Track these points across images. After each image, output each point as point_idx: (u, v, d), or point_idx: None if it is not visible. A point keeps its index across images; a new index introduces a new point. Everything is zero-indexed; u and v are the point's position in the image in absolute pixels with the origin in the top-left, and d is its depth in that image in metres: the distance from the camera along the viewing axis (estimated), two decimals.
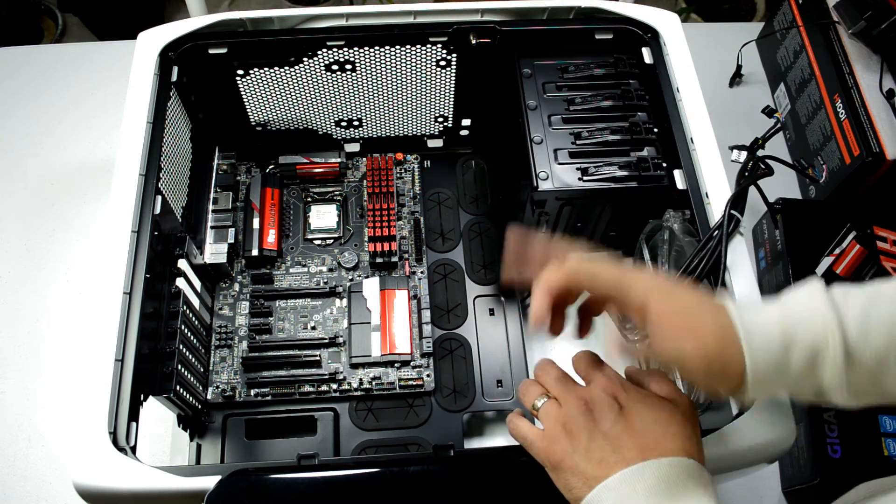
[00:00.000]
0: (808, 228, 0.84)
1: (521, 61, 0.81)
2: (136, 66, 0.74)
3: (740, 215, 0.65)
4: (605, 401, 0.48)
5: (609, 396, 0.48)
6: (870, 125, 0.88)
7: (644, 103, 0.79)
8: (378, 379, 0.81)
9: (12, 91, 1.11)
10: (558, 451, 0.47)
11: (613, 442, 0.46)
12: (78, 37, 1.98)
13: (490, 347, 0.85)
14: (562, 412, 0.49)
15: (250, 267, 0.88)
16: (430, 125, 0.94)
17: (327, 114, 0.90)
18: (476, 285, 0.89)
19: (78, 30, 1.99)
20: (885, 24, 0.91)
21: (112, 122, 1.06)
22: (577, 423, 0.47)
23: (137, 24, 0.82)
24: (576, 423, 0.47)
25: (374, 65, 0.82)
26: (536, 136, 0.77)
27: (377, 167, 0.93)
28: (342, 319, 0.85)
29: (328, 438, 0.78)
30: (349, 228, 0.91)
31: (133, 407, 0.59)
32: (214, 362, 0.82)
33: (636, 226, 0.82)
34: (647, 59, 0.79)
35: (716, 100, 0.74)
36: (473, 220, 0.93)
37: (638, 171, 0.75)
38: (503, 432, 0.83)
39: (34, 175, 1.03)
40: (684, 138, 0.73)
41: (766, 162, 0.69)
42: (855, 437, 0.74)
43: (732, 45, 1.12)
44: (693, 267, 0.65)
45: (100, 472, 0.54)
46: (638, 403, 0.48)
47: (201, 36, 0.77)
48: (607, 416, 0.47)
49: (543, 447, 0.49)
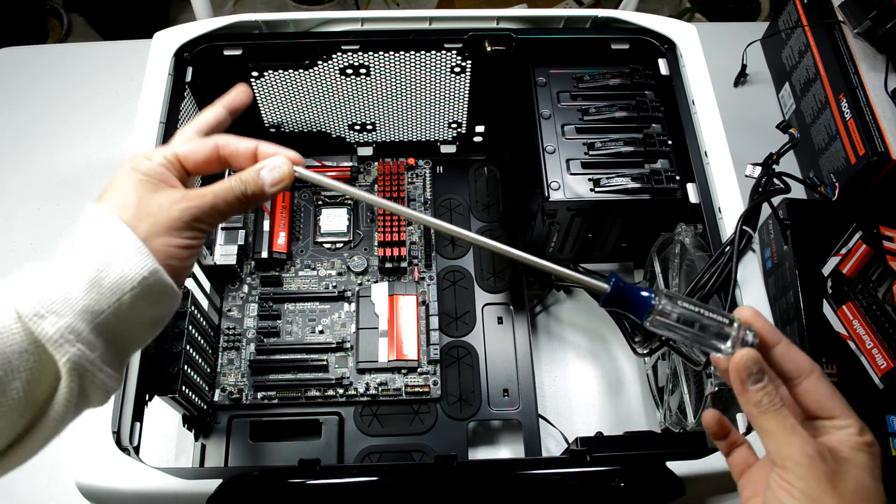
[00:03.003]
0: (814, 228, 0.83)
1: (536, 70, 0.81)
2: (151, 66, 0.75)
3: (753, 231, 0.65)
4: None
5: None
6: (875, 125, 0.88)
7: (659, 115, 0.79)
8: (384, 385, 0.81)
9: (18, 91, 1.11)
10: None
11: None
12: (83, 37, 1.99)
13: (497, 356, 0.84)
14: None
15: (260, 269, 0.88)
16: (444, 131, 0.94)
17: (341, 117, 0.90)
18: (485, 293, 0.88)
19: (83, 29, 2.00)
20: (891, 24, 0.91)
21: (118, 121, 1.07)
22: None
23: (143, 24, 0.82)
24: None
25: (389, 70, 0.82)
26: (549, 145, 0.77)
27: (389, 172, 0.93)
28: (350, 324, 0.85)
29: (332, 443, 0.78)
30: (359, 232, 0.91)
31: (137, 407, 0.59)
32: (222, 364, 0.82)
33: (648, 238, 0.82)
34: (663, 71, 0.79)
35: (720, 100, 0.74)
36: (485, 227, 0.93)
37: (651, 183, 0.74)
38: (508, 442, 0.83)
39: (40, 174, 1.03)
40: (698, 151, 0.72)
41: (782, 178, 0.68)
42: None
43: (737, 45, 1.11)
44: (703, 282, 0.65)
45: (102, 471, 0.55)
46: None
47: (216, 37, 0.78)
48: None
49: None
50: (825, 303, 0.79)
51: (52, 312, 0.38)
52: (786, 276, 0.83)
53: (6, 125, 1.08)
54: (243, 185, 0.45)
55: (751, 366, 0.41)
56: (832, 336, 0.78)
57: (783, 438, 0.40)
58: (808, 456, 0.38)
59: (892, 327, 0.77)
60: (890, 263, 0.81)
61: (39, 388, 0.38)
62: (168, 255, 0.42)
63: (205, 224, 0.44)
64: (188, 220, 0.43)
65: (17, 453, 0.39)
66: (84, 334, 0.38)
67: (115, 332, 0.40)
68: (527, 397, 0.81)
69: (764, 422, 0.41)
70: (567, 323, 0.92)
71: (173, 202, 0.43)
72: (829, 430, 0.41)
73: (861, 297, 0.79)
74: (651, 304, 0.43)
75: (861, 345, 0.77)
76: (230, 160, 0.47)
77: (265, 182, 0.46)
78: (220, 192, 0.45)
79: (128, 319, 0.41)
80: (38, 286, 0.38)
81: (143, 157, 0.45)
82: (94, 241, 0.40)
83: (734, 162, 0.70)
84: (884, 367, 0.76)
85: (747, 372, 0.41)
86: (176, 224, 0.43)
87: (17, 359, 0.37)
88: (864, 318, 0.78)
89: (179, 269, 0.43)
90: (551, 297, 0.93)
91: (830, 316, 0.79)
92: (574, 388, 0.88)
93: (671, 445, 0.72)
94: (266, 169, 0.46)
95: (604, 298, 0.44)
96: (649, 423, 0.85)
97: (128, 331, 0.41)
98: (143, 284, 0.40)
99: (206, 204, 0.44)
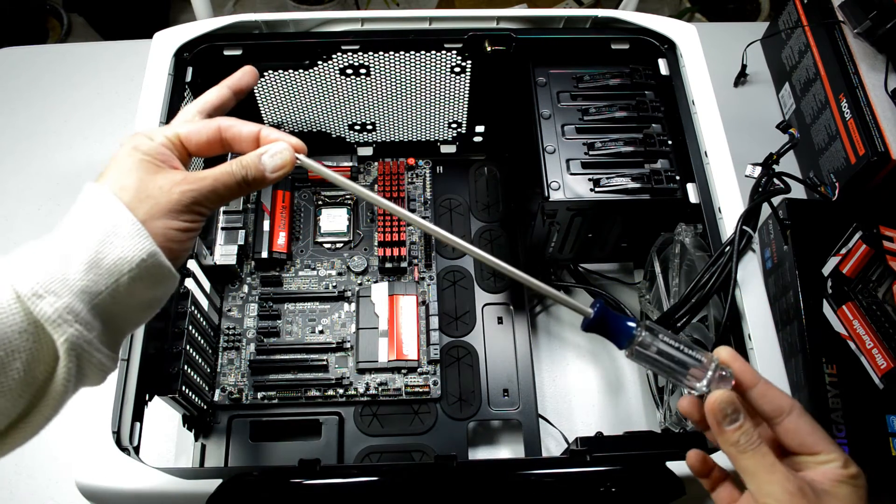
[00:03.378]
0: (814, 228, 0.83)
1: (536, 70, 0.81)
2: (151, 66, 0.75)
3: (753, 231, 0.65)
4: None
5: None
6: (875, 124, 0.88)
7: (659, 115, 0.79)
8: (384, 385, 0.81)
9: (18, 91, 1.11)
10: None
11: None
12: (83, 36, 1.99)
13: (497, 356, 0.84)
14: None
15: (260, 269, 0.88)
16: (444, 131, 0.94)
17: (341, 117, 0.90)
18: (485, 293, 0.88)
19: (83, 29, 2.00)
20: (891, 24, 0.91)
21: (118, 121, 1.07)
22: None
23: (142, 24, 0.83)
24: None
25: (389, 70, 0.82)
26: (549, 145, 0.77)
27: (389, 172, 0.93)
28: (350, 324, 0.85)
29: (332, 443, 0.78)
30: (359, 232, 0.91)
31: (137, 407, 0.59)
32: (222, 364, 0.82)
33: (648, 238, 0.82)
34: (664, 71, 0.79)
35: (720, 100, 0.74)
36: (485, 227, 0.93)
37: (651, 183, 0.74)
38: (508, 442, 0.83)
39: (40, 174, 1.03)
40: (698, 151, 0.72)
41: (782, 178, 0.68)
42: (862, 436, 0.73)
43: (737, 45, 1.12)
44: (703, 282, 0.65)
45: (102, 471, 0.55)
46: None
47: (216, 37, 0.78)
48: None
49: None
50: (825, 303, 0.79)
51: (51, 292, 0.38)
52: (786, 276, 0.83)
53: (6, 125, 1.08)
54: (244, 169, 0.45)
55: (725, 407, 0.41)
56: (832, 336, 0.78)
57: (763, 477, 0.40)
58: (789, 493, 0.39)
59: (892, 327, 0.77)
60: (890, 263, 0.81)
61: (39, 367, 0.38)
62: (167, 238, 0.42)
63: (204, 207, 0.44)
64: (188, 203, 0.43)
65: (19, 433, 0.39)
66: (82, 315, 0.38)
67: (113, 313, 0.40)
68: (527, 397, 0.81)
69: (743, 461, 0.41)
70: (567, 323, 0.92)
71: (174, 184, 0.43)
72: (812, 465, 0.41)
73: (861, 297, 0.79)
74: (633, 334, 0.43)
75: (861, 345, 0.77)
76: (232, 143, 0.47)
77: (266, 167, 0.46)
78: (221, 177, 0.45)
79: (125, 301, 0.41)
80: (36, 266, 0.39)
81: (145, 136, 0.45)
82: (93, 222, 0.41)
83: (734, 162, 0.70)
84: (884, 367, 0.76)
85: (722, 413, 0.41)
86: (176, 207, 0.43)
87: (16, 339, 0.37)
88: (864, 318, 0.78)
89: (178, 252, 0.43)
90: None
91: (830, 316, 0.79)
92: (574, 388, 0.88)
93: (671, 445, 0.72)
94: (268, 154, 0.46)
95: (587, 323, 0.44)
96: (649, 423, 0.85)
97: (124, 312, 0.41)
98: (141, 266, 0.40)
99: (206, 187, 0.44)
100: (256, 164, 0.46)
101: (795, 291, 0.80)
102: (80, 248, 0.40)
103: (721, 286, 0.64)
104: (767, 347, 0.61)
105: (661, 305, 0.81)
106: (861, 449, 0.73)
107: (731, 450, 0.41)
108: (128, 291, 0.40)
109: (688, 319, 0.67)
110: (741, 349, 0.63)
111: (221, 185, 0.45)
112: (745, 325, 0.63)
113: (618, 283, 0.93)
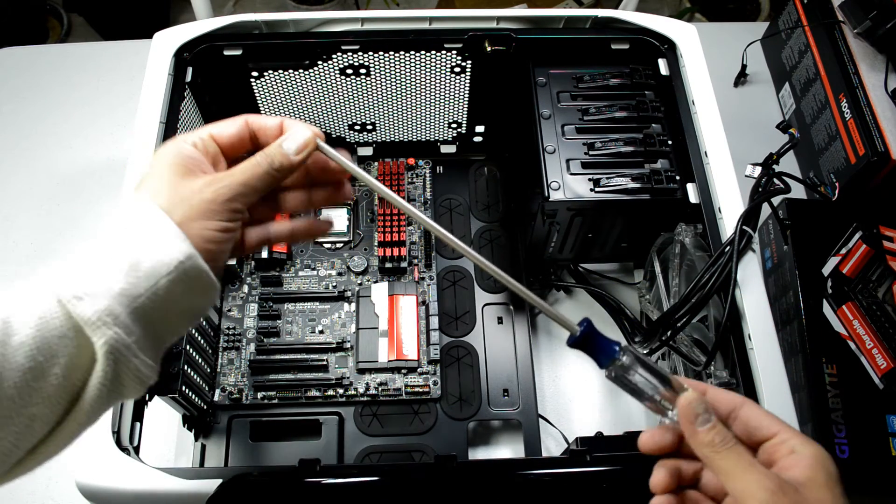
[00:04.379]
0: (814, 228, 0.83)
1: (536, 70, 0.81)
2: (151, 66, 0.75)
3: (753, 231, 0.65)
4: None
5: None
6: (875, 125, 0.88)
7: (659, 115, 0.79)
8: (384, 385, 0.81)
9: (18, 91, 1.11)
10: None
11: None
12: (83, 37, 1.99)
13: (497, 356, 0.84)
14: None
15: (259, 269, 0.88)
16: (444, 131, 0.94)
17: (340, 117, 0.90)
18: (485, 293, 0.88)
19: (83, 30, 2.00)
20: (891, 24, 0.91)
21: (118, 121, 1.07)
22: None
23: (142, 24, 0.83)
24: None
25: (389, 70, 0.82)
26: (549, 145, 0.77)
27: (389, 172, 0.93)
28: (350, 324, 0.85)
29: (332, 443, 0.78)
30: (359, 233, 0.91)
31: (137, 407, 0.59)
32: (222, 364, 0.82)
33: (648, 238, 0.82)
34: (664, 71, 0.79)
35: (720, 100, 0.74)
36: (485, 227, 0.93)
37: (651, 183, 0.74)
38: (508, 442, 0.83)
39: (40, 175, 1.03)
40: (698, 151, 0.72)
41: (782, 178, 0.68)
42: (863, 437, 0.73)
43: (737, 45, 1.11)
44: (703, 282, 0.65)
45: (102, 471, 0.55)
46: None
47: (216, 37, 0.78)
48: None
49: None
50: (825, 303, 0.79)
51: (90, 295, 0.38)
52: (786, 276, 0.83)
53: (6, 125, 1.08)
54: (268, 158, 0.46)
55: (696, 406, 0.42)
56: (832, 336, 0.78)
57: (741, 476, 0.40)
58: (769, 490, 0.38)
59: (892, 327, 0.77)
60: (890, 263, 0.81)
61: (77, 373, 0.38)
62: (204, 239, 0.42)
63: (238, 204, 0.44)
64: (222, 201, 0.43)
65: (53, 442, 0.40)
66: (121, 318, 0.38)
67: (152, 319, 0.40)
68: (527, 397, 0.81)
69: (720, 461, 0.41)
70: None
71: (205, 185, 0.43)
72: (778, 452, 0.41)
73: (861, 297, 0.79)
74: (615, 355, 0.44)
75: (861, 345, 0.77)
76: (258, 134, 0.48)
77: (290, 150, 0.46)
78: (248, 169, 0.45)
79: (164, 307, 0.40)
80: (76, 271, 0.39)
81: (175, 142, 0.46)
82: (130, 227, 0.41)
83: (734, 162, 0.70)
84: (884, 367, 0.76)
85: (694, 413, 0.41)
86: (210, 206, 0.43)
87: (56, 343, 0.37)
88: (864, 318, 0.78)
89: (216, 254, 0.43)
90: (551, 297, 0.93)
91: (830, 316, 0.79)
92: (574, 388, 0.88)
93: None
94: (288, 140, 0.46)
95: (573, 339, 0.45)
96: (649, 423, 0.85)
97: (164, 319, 0.41)
98: (179, 269, 0.40)
99: (235, 182, 0.44)
100: (279, 150, 0.46)
101: (795, 291, 0.80)
102: (118, 252, 0.40)
103: (721, 286, 0.64)
104: (767, 347, 0.61)
105: (661, 305, 0.81)
106: (861, 449, 0.73)
107: (706, 451, 0.41)
108: (167, 296, 0.40)
109: (688, 319, 0.67)
110: (741, 349, 0.63)
111: (251, 177, 0.45)
112: (745, 325, 0.63)
113: (618, 283, 0.93)
